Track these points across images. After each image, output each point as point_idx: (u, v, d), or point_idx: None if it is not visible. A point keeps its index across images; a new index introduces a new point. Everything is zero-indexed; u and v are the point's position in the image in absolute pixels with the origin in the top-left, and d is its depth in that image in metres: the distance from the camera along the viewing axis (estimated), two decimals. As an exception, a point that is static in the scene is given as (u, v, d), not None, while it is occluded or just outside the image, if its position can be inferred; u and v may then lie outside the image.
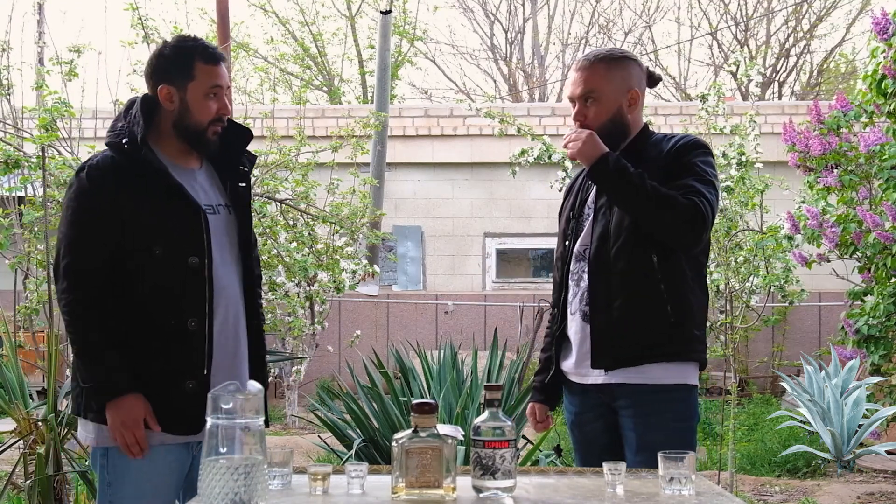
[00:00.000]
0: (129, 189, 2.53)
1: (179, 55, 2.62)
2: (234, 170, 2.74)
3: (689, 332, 2.70)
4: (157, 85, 2.63)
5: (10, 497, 4.67)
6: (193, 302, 2.56)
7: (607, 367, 2.67)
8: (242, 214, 2.71)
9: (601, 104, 2.73)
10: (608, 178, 2.65)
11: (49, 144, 5.33)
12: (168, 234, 2.54)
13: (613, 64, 2.76)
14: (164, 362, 2.54)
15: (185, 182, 2.61)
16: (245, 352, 2.70)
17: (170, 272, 2.54)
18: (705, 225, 2.63)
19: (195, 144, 2.65)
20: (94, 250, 2.52)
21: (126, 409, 2.49)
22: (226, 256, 2.65)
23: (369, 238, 7.59)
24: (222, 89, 2.63)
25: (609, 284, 2.68)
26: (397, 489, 2.05)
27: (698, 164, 2.69)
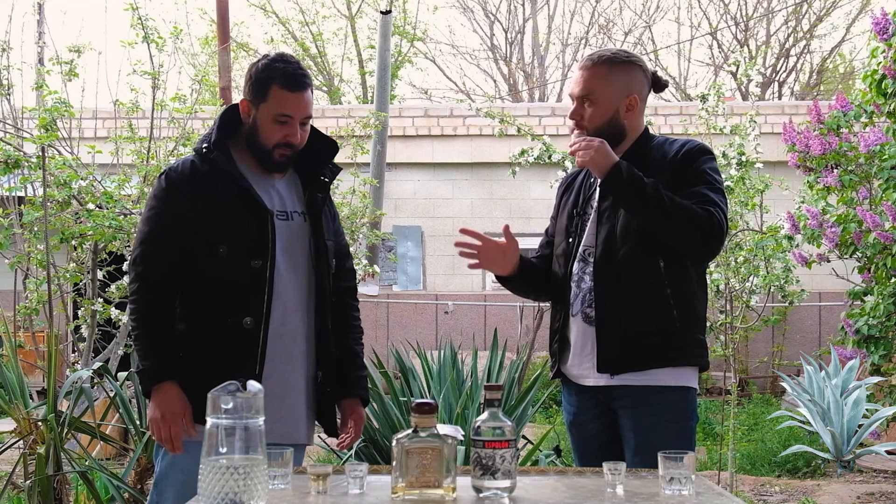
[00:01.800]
0: (203, 190, 2.65)
1: (262, 74, 2.67)
2: (315, 179, 2.80)
3: (693, 336, 2.71)
4: (243, 97, 2.72)
5: (10, 497, 4.67)
6: (252, 302, 2.62)
7: (613, 372, 2.67)
8: (318, 224, 2.76)
9: (598, 107, 2.72)
10: (623, 190, 2.62)
11: (49, 144, 5.33)
12: (234, 234, 2.63)
13: (616, 67, 2.75)
14: (219, 358, 2.61)
15: (259, 187, 2.69)
16: (305, 357, 2.72)
17: (232, 272, 2.63)
18: (722, 235, 2.64)
19: (262, 163, 2.72)
20: (166, 246, 2.65)
21: (168, 403, 2.58)
22: (293, 262, 2.70)
23: (369, 238, 7.60)
24: (293, 119, 2.66)
25: (616, 290, 2.68)
26: (397, 489, 2.05)
27: (708, 172, 2.69)
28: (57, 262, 5.44)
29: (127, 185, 5.69)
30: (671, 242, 2.65)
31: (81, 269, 5.71)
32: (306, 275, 2.74)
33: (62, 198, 5.24)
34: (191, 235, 2.63)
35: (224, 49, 10.35)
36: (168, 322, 2.64)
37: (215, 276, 2.63)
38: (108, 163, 6.08)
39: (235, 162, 2.70)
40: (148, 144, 6.00)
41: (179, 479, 2.59)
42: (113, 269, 5.92)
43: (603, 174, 2.63)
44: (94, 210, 5.16)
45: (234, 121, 2.73)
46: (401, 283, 12.18)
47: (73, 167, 5.30)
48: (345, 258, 2.92)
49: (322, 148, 2.82)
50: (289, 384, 2.68)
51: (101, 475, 4.13)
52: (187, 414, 2.58)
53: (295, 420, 2.70)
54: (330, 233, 2.82)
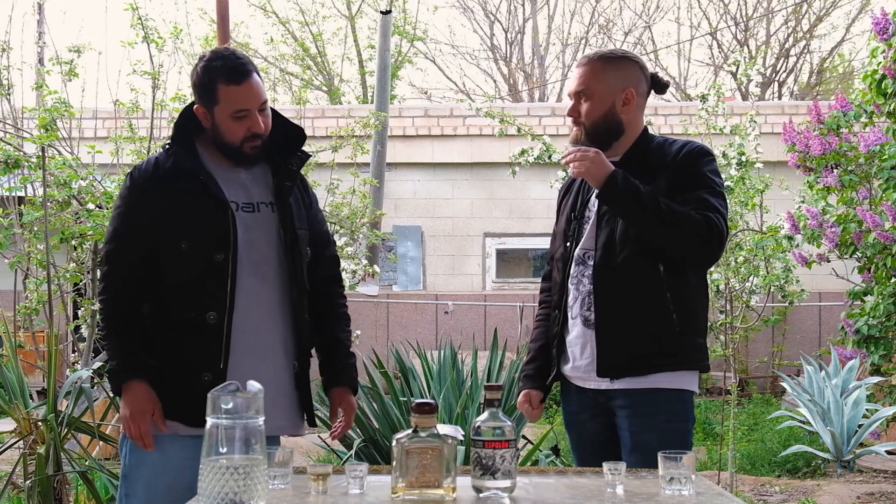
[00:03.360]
0: (166, 187, 2.65)
1: (204, 77, 2.65)
2: (284, 168, 2.78)
3: (693, 341, 2.71)
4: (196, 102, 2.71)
5: (10, 497, 4.67)
6: (215, 296, 2.61)
7: (613, 377, 2.67)
8: (287, 214, 2.74)
9: (593, 101, 2.73)
10: (619, 199, 2.62)
11: (49, 144, 5.33)
12: (194, 229, 2.63)
13: (610, 63, 2.76)
14: (183, 353, 2.62)
15: (224, 180, 2.68)
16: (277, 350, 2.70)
17: (194, 266, 2.62)
18: (721, 241, 2.63)
19: (233, 159, 2.71)
20: (130, 244, 2.66)
21: (136, 401, 2.59)
22: (258, 254, 2.68)
23: (369, 238, 7.59)
24: (251, 111, 2.64)
25: (615, 294, 2.68)
26: (397, 489, 2.05)
27: (708, 175, 2.68)
28: (57, 262, 5.44)
29: (127, 185, 5.67)
30: (669, 249, 2.64)
31: (81, 269, 5.71)
32: (275, 265, 2.71)
33: (62, 198, 5.24)
34: (155, 233, 2.63)
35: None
36: (135, 321, 2.64)
37: (178, 272, 2.63)
38: (108, 163, 6.08)
39: (200, 157, 2.69)
40: (148, 144, 6.00)
41: (145, 473, 2.61)
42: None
43: (599, 184, 2.62)
44: (94, 210, 5.16)
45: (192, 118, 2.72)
46: (401, 283, 12.18)
47: (73, 167, 5.30)
48: (324, 246, 2.88)
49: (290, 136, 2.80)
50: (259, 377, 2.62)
51: (101, 475, 4.13)
52: (157, 410, 2.59)
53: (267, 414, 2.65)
54: (303, 221, 2.79)
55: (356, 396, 2.92)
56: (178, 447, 2.60)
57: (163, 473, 2.61)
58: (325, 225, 2.97)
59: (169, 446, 2.61)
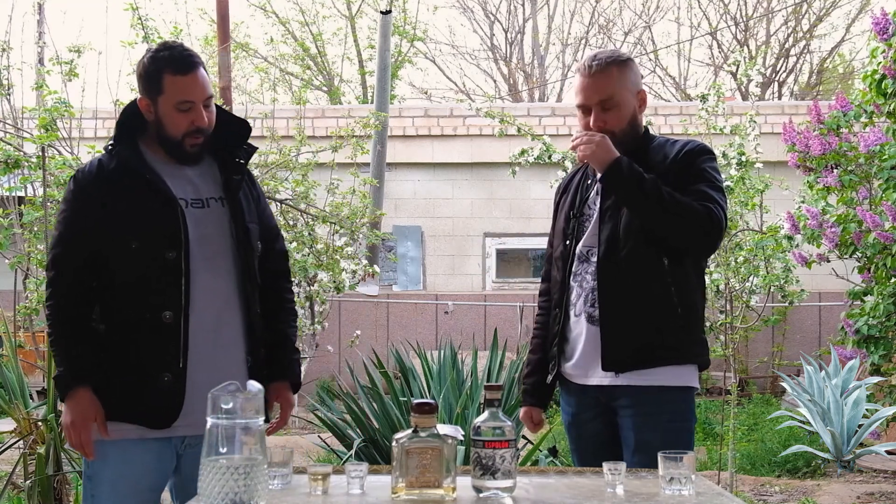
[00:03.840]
0: (111, 187, 2.61)
1: (151, 67, 2.63)
2: (231, 162, 2.75)
3: (696, 334, 2.73)
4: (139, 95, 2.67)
5: (10, 497, 4.67)
6: (169, 295, 2.58)
7: (618, 370, 2.67)
8: (235, 206, 2.71)
9: (620, 109, 2.71)
10: (623, 184, 2.63)
11: (49, 144, 5.32)
12: (144, 228, 2.59)
13: (622, 66, 2.74)
14: (140, 355, 2.58)
15: (170, 177, 2.64)
16: (234, 345, 2.68)
17: (146, 266, 2.58)
18: (720, 232, 2.65)
19: (175, 155, 2.66)
20: (78, 248, 2.61)
21: (79, 408, 2.55)
22: (211, 250, 2.65)
23: (369, 238, 7.59)
24: (195, 103, 2.61)
25: (620, 288, 2.68)
26: (397, 489, 2.05)
27: (708, 170, 2.70)
28: (57, 262, 5.42)
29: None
30: (668, 237, 2.66)
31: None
32: (228, 261, 2.68)
33: (62, 198, 5.23)
34: (102, 235, 2.59)
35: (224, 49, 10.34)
36: (83, 326, 2.60)
37: (130, 272, 2.58)
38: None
39: (144, 155, 2.66)
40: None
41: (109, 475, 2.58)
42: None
43: (603, 168, 2.64)
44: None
45: (137, 115, 2.68)
46: (401, 283, 12.18)
47: (73, 167, 5.30)
48: (273, 240, 2.86)
49: (235, 129, 2.77)
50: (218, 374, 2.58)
51: (101, 475, 4.12)
52: (99, 418, 2.55)
53: None
54: (252, 215, 2.76)
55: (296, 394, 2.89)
56: (140, 449, 2.57)
57: (127, 475, 2.58)
58: (273, 219, 2.94)
59: (132, 448, 2.57)
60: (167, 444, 2.61)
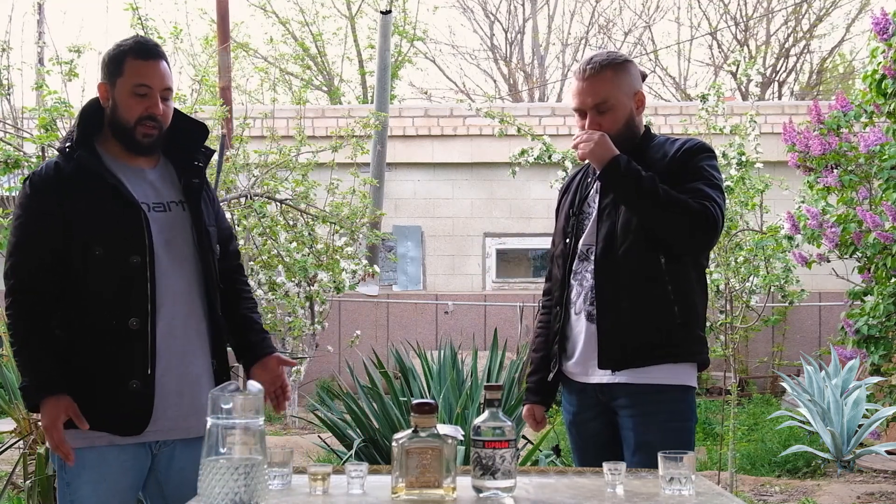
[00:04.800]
0: (69, 192, 2.55)
1: (115, 52, 2.61)
2: (189, 165, 2.72)
3: (694, 333, 2.72)
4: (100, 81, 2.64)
5: (10, 497, 4.67)
6: (135, 301, 2.54)
7: (614, 368, 2.67)
8: (198, 211, 2.68)
9: (615, 112, 2.72)
10: (620, 181, 2.64)
11: (49, 144, 5.32)
12: (107, 234, 2.54)
13: (619, 68, 2.75)
14: (107, 363, 2.54)
15: (130, 181, 2.60)
16: (200, 349, 2.66)
17: (111, 272, 2.54)
18: (716, 229, 2.65)
19: (126, 144, 2.62)
20: (35, 254, 2.55)
21: (47, 414, 2.51)
22: (175, 254, 2.62)
23: (369, 238, 7.59)
24: (152, 90, 2.58)
25: (617, 286, 2.68)
26: (397, 489, 2.05)
27: (706, 168, 2.70)
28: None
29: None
30: (665, 235, 2.66)
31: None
32: (192, 264, 2.65)
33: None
34: (62, 240, 2.53)
35: (224, 49, 10.34)
36: (46, 334, 2.53)
37: (94, 278, 2.53)
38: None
39: (102, 158, 2.61)
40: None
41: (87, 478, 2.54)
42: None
43: (602, 165, 2.65)
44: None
45: (95, 116, 2.64)
46: (401, 283, 12.18)
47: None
48: (228, 241, 2.85)
49: (192, 132, 2.74)
50: (186, 378, 2.60)
51: (101, 475, 4.12)
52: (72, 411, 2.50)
53: (198, 413, 2.49)
54: (211, 218, 2.75)
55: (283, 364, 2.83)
56: (116, 451, 2.55)
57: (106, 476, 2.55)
58: (226, 220, 2.93)
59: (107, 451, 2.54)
60: (143, 449, 2.59)
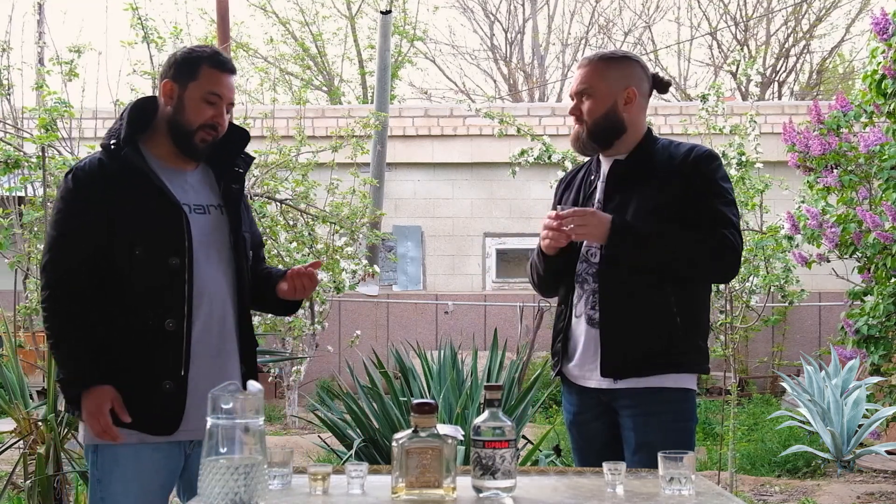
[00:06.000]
0: (113, 190, 2.56)
1: (189, 56, 2.66)
2: (229, 170, 2.75)
3: (695, 343, 2.72)
4: (162, 80, 2.67)
5: (10, 497, 4.67)
6: (173, 302, 2.56)
7: (617, 377, 2.67)
8: (235, 216, 2.71)
9: (595, 99, 2.74)
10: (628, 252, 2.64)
11: (49, 144, 5.32)
12: (148, 234, 2.56)
13: (612, 62, 2.78)
14: (141, 362, 2.55)
15: (172, 183, 2.62)
16: (232, 352, 2.69)
17: (150, 272, 2.55)
18: (737, 255, 2.66)
19: (182, 146, 2.64)
20: (76, 249, 2.55)
21: (91, 400, 2.51)
22: (212, 257, 2.64)
23: (369, 238, 7.59)
24: (221, 99, 2.64)
25: (620, 294, 2.68)
26: (397, 489, 2.05)
27: (720, 184, 2.70)
28: (57, 262, 5.42)
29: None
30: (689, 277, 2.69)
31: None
32: (227, 268, 2.68)
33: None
34: (103, 237, 2.54)
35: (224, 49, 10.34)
36: (85, 327, 2.54)
37: (133, 277, 2.54)
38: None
39: (146, 158, 2.63)
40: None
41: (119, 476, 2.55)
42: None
43: (604, 240, 2.63)
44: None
45: (141, 115, 2.66)
46: (401, 283, 12.18)
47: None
48: (259, 247, 2.89)
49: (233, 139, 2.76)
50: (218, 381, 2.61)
51: (101, 475, 4.12)
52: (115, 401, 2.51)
53: None
54: (247, 224, 2.78)
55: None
56: (149, 450, 2.57)
57: (139, 475, 2.56)
58: (256, 226, 2.97)
59: (141, 449, 2.56)
60: (176, 448, 2.61)
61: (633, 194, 2.71)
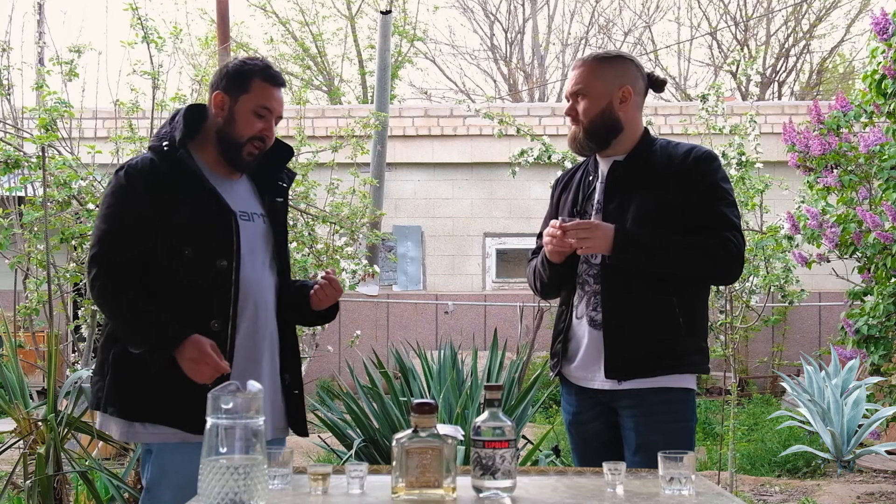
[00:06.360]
0: (165, 190, 2.60)
1: (242, 69, 2.69)
2: (272, 184, 2.81)
3: (696, 343, 2.73)
4: (213, 91, 2.70)
5: (10, 497, 4.66)
6: (219, 304, 2.60)
7: (621, 379, 2.67)
8: (278, 227, 2.78)
9: (590, 99, 2.75)
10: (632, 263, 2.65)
11: (49, 144, 5.33)
12: (198, 235, 2.59)
13: (606, 62, 2.80)
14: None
15: (220, 188, 2.66)
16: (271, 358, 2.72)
17: (198, 273, 2.58)
18: (741, 258, 2.68)
19: (230, 158, 2.69)
20: (124, 243, 2.58)
21: (192, 349, 2.51)
22: (257, 262, 2.69)
23: (369, 238, 7.58)
24: (271, 113, 2.68)
25: (621, 296, 2.69)
26: (397, 489, 2.05)
27: (720, 185, 2.71)
28: (57, 262, 5.44)
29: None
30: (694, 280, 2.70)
31: (81, 269, 5.71)
32: (269, 275, 2.73)
33: (62, 198, 5.24)
34: (152, 236, 2.57)
35: (224, 49, 10.34)
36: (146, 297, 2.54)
37: (180, 278, 2.57)
38: (108, 163, 6.08)
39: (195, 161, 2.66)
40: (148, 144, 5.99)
41: (175, 481, 2.56)
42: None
43: (610, 251, 2.63)
44: (95, 210, 5.16)
45: (193, 120, 2.69)
46: (401, 283, 12.17)
47: (73, 167, 5.30)
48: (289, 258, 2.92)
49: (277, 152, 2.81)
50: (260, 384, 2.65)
51: (101, 475, 4.13)
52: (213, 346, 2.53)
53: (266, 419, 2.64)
54: (286, 234, 2.84)
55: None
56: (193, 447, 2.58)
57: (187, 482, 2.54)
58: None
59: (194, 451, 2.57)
60: None
61: (632, 196, 2.71)
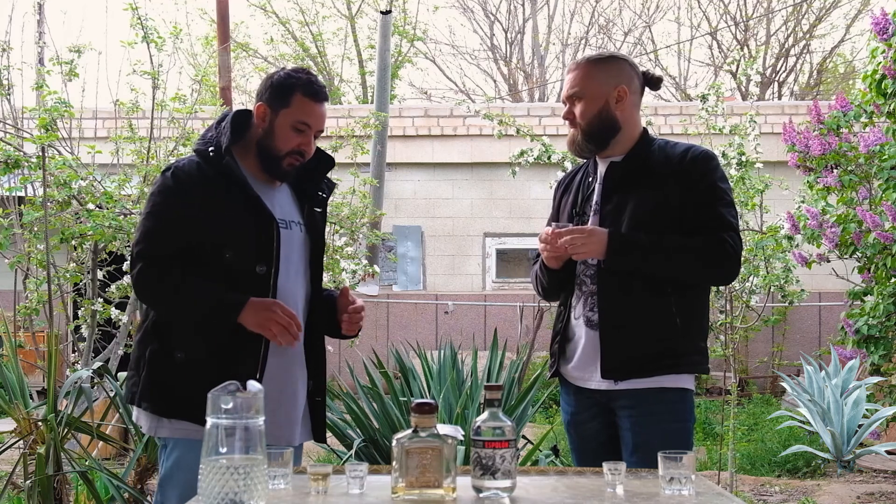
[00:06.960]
0: (209, 193, 2.63)
1: (285, 82, 2.71)
2: (312, 194, 2.83)
3: (695, 344, 2.72)
4: (258, 100, 2.73)
5: (10, 497, 4.66)
6: None
7: (617, 379, 2.68)
8: (315, 236, 2.81)
9: (586, 101, 2.76)
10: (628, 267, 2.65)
11: (49, 144, 5.33)
12: (239, 240, 2.62)
13: (600, 63, 2.80)
14: (220, 362, 2.59)
15: (263, 194, 2.69)
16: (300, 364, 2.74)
17: (237, 277, 2.62)
18: (738, 258, 2.68)
19: (269, 169, 2.72)
20: (167, 241, 2.62)
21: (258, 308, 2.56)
22: (293, 270, 2.72)
23: (369, 238, 7.59)
24: (310, 128, 2.70)
25: (619, 295, 2.69)
26: (397, 489, 2.05)
27: (719, 186, 2.71)
28: (57, 262, 5.44)
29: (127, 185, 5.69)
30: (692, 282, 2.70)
31: (81, 269, 5.72)
32: (304, 284, 2.77)
33: (62, 198, 5.24)
34: (194, 237, 2.61)
35: (224, 49, 10.35)
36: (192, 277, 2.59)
37: (220, 280, 2.61)
38: (108, 163, 6.09)
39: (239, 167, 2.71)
40: (148, 144, 6.00)
41: (184, 478, 2.57)
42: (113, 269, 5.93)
43: (604, 255, 2.64)
44: (94, 210, 5.16)
45: (239, 126, 2.73)
46: (401, 283, 12.18)
47: (73, 167, 5.30)
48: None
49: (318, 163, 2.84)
50: (287, 389, 2.69)
51: (101, 475, 4.13)
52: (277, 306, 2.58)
53: (290, 424, 2.71)
54: (323, 245, 2.87)
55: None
56: None
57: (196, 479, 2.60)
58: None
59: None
60: None
61: (630, 196, 2.71)
